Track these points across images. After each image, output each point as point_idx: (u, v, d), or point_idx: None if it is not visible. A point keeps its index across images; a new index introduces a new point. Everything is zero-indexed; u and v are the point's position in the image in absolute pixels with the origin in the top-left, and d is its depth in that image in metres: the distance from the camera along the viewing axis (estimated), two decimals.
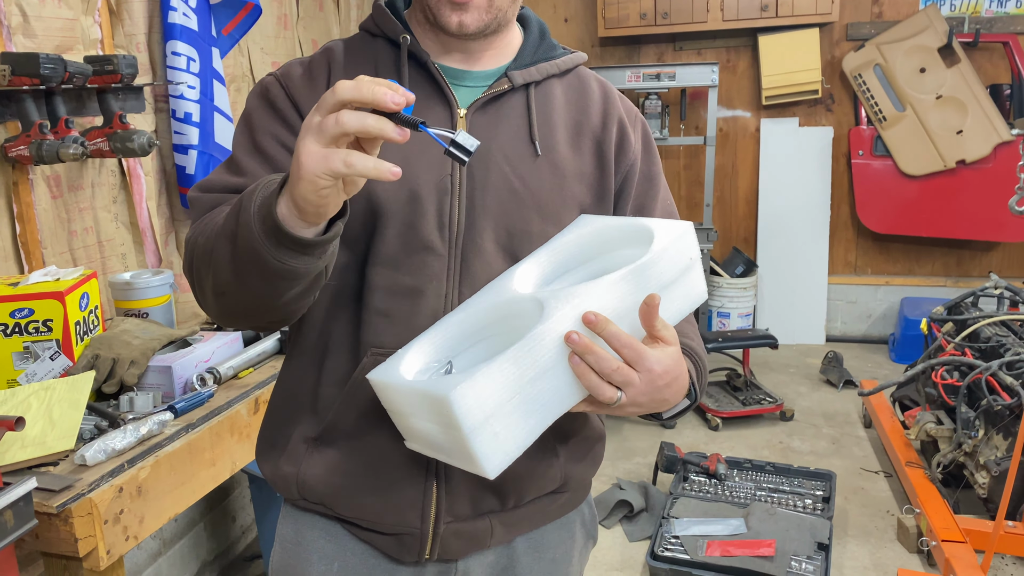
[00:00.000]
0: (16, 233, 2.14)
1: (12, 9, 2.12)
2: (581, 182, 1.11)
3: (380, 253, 1.04)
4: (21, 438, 1.54)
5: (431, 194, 1.04)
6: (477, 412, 0.83)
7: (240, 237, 0.88)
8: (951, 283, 4.87)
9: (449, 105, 1.08)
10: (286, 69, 1.12)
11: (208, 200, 1.06)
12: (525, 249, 1.06)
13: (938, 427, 3.01)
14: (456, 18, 1.03)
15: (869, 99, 4.66)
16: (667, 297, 0.95)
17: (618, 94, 1.20)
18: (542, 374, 0.87)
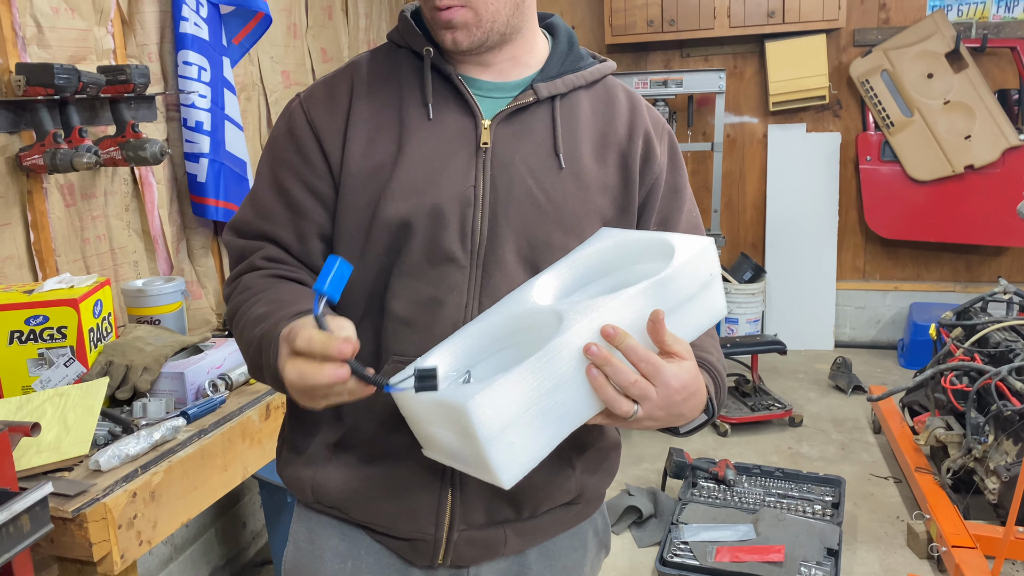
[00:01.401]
0: (30, 241, 2.16)
1: (27, 20, 2.15)
2: (605, 195, 1.11)
3: (404, 264, 1.06)
4: (36, 443, 1.56)
5: (454, 206, 1.05)
6: (494, 422, 0.84)
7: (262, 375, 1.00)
8: (960, 288, 4.86)
9: (474, 116, 1.08)
10: (311, 92, 1.14)
11: (239, 248, 1.13)
12: (546, 261, 1.06)
13: (948, 432, 3.01)
14: (449, 36, 1.05)
15: (876, 105, 4.66)
16: (686, 312, 0.95)
17: (645, 105, 1.20)
18: (560, 386, 0.87)
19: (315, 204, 1.09)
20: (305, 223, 1.10)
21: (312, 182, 1.09)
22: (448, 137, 1.08)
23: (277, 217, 1.11)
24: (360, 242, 1.07)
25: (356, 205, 1.07)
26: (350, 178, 1.07)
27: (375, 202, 1.05)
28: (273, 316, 0.99)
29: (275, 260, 1.11)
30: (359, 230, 1.07)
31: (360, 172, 1.07)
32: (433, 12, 1.04)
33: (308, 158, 1.09)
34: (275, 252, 1.11)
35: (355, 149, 1.08)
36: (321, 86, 1.14)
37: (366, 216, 1.06)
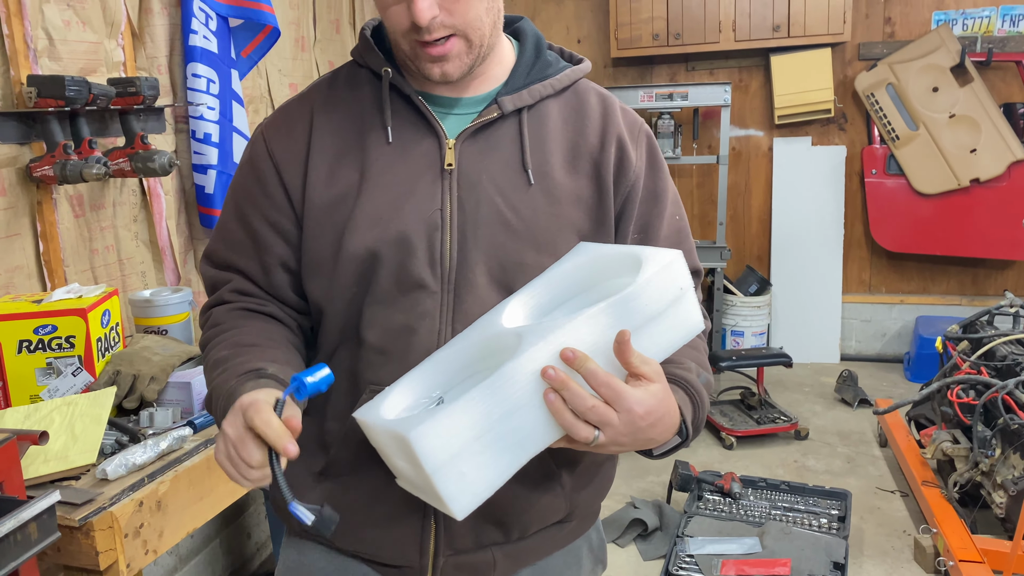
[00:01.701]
0: (40, 251, 2.18)
1: (39, 33, 2.17)
2: (578, 208, 1.07)
3: (375, 293, 1.03)
4: (44, 452, 1.57)
5: (421, 232, 1.02)
6: (441, 452, 0.82)
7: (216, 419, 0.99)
8: (966, 302, 4.85)
9: (437, 137, 1.05)
10: (271, 121, 1.12)
11: (211, 278, 1.14)
12: (519, 282, 1.03)
13: (954, 446, 2.99)
14: (438, 69, 1.01)
15: (882, 118, 4.67)
16: (654, 329, 0.91)
17: (620, 108, 1.14)
18: (514, 411, 0.85)
19: (276, 238, 1.08)
20: (267, 256, 1.08)
21: (272, 216, 1.07)
22: (411, 160, 1.04)
23: (242, 248, 1.10)
24: (328, 273, 1.05)
25: (321, 237, 1.05)
26: (313, 210, 1.05)
27: (340, 233, 1.03)
28: (229, 368, 0.99)
29: (243, 293, 1.10)
30: (326, 262, 1.05)
31: (323, 204, 1.04)
32: (417, 46, 0.99)
33: (268, 191, 1.07)
34: (243, 284, 1.10)
35: (317, 180, 1.05)
36: (281, 114, 1.12)
37: (332, 248, 1.04)
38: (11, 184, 2.10)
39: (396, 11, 0.97)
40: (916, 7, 4.68)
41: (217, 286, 1.12)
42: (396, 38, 1.01)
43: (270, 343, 1.05)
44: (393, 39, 1.03)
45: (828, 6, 4.52)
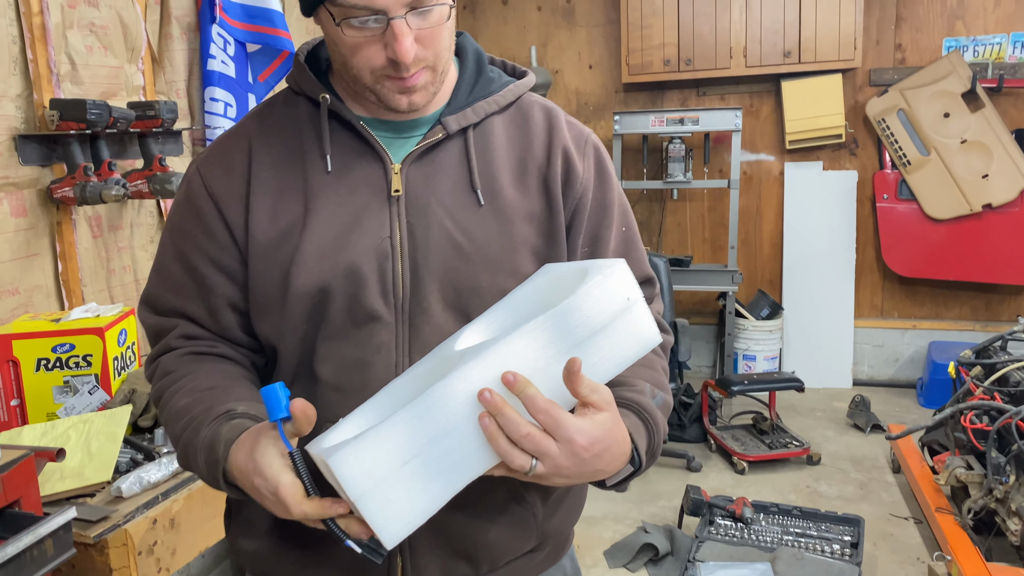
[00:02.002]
0: (58, 271, 2.21)
1: (62, 58, 2.22)
2: (530, 225, 1.04)
3: (327, 328, 1.00)
4: (60, 469, 1.58)
5: (371, 262, 0.99)
6: (364, 478, 0.78)
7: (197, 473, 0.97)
8: (980, 327, 4.82)
9: (382, 162, 1.01)
10: (207, 156, 1.07)
11: (154, 325, 1.08)
12: (475, 307, 1.00)
13: (968, 472, 2.97)
14: (406, 99, 0.98)
15: (893, 143, 4.68)
16: (602, 344, 0.86)
17: (566, 120, 1.12)
18: (447, 434, 0.80)
19: (221, 278, 1.04)
20: (214, 298, 1.04)
21: (216, 255, 1.03)
22: (356, 188, 1.01)
23: (186, 291, 1.05)
24: (277, 312, 1.01)
25: (268, 275, 1.01)
26: (258, 247, 1.01)
27: (286, 270, 0.99)
28: (196, 417, 0.96)
29: (191, 337, 1.06)
30: (274, 300, 1.01)
31: (268, 240, 1.00)
32: (387, 81, 0.97)
33: (209, 229, 1.03)
34: (190, 328, 1.06)
35: (260, 216, 1.01)
36: (217, 149, 1.07)
37: (280, 286, 1.00)
38: (32, 205, 2.14)
39: (368, 48, 0.94)
40: (927, 34, 4.70)
41: (161, 333, 1.07)
42: (358, 74, 0.97)
43: (229, 382, 1.02)
44: (352, 75, 0.98)
45: (839, 32, 4.55)
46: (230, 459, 0.90)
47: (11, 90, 2.08)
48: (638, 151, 5.03)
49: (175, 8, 2.68)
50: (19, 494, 1.33)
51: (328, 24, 0.95)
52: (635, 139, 5.01)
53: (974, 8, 4.60)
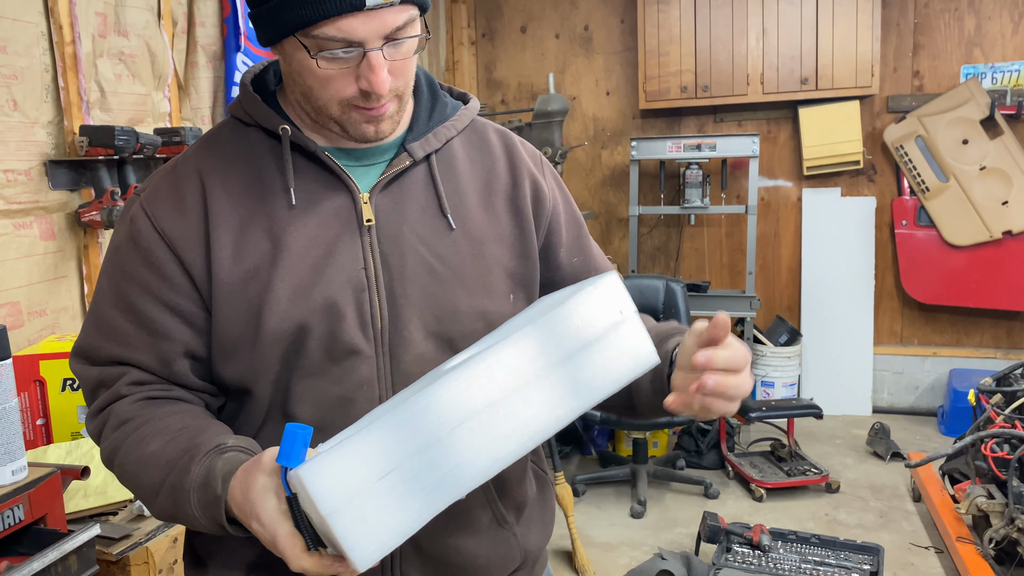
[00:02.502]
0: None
1: (92, 86, 2.28)
2: (502, 245, 1.05)
3: (305, 366, 0.96)
4: (84, 487, 1.61)
5: (347, 294, 0.96)
6: (337, 492, 0.73)
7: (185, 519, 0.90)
8: (1001, 355, 4.78)
9: (350, 192, 0.99)
10: (152, 194, 1.00)
11: (95, 377, 0.99)
12: (457, 330, 0.99)
13: (989, 501, 2.94)
14: (373, 128, 0.97)
15: (911, 170, 4.68)
16: (595, 358, 0.83)
17: (519, 141, 1.13)
18: (428, 446, 0.76)
19: (178, 324, 0.97)
20: (167, 344, 0.97)
21: (171, 300, 0.96)
22: (325, 221, 0.98)
23: (131, 340, 0.97)
24: (247, 354, 0.96)
25: (235, 317, 0.96)
26: (222, 288, 0.95)
27: (257, 310, 0.95)
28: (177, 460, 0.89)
29: (143, 383, 0.98)
30: (244, 342, 0.96)
31: (232, 281, 0.95)
32: (354, 112, 0.95)
33: (163, 273, 0.96)
34: (139, 375, 0.98)
35: (223, 256, 0.95)
36: (164, 185, 1.00)
37: (249, 327, 0.95)
38: (60, 229, 2.19)
39: (338, 79, 0.92)
40: (945, 61, 4.72)
41: (105, 382, 0.98)
42: (325, 105, 0.95)
43: (201, 422, 0.96)
44: (317, 106, 0.96)
45: (856, 60, 4.57)
46: (229, 495, 0.84)
47: (43, 117, 2.14)
48: (655, 177, 5.06)
49: (201, 37, 2.75)
50: (45, 511, 1.35)
51: (295, 55, 0.92)
52: (652, 165, 5.04)
53: (992, 35, 4.61)
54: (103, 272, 1.02)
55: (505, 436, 0.79)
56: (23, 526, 1.31)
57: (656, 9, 4.78)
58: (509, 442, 0.79)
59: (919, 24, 4.73)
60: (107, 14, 2.34)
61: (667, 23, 4.78)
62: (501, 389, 0.78)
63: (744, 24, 4.68)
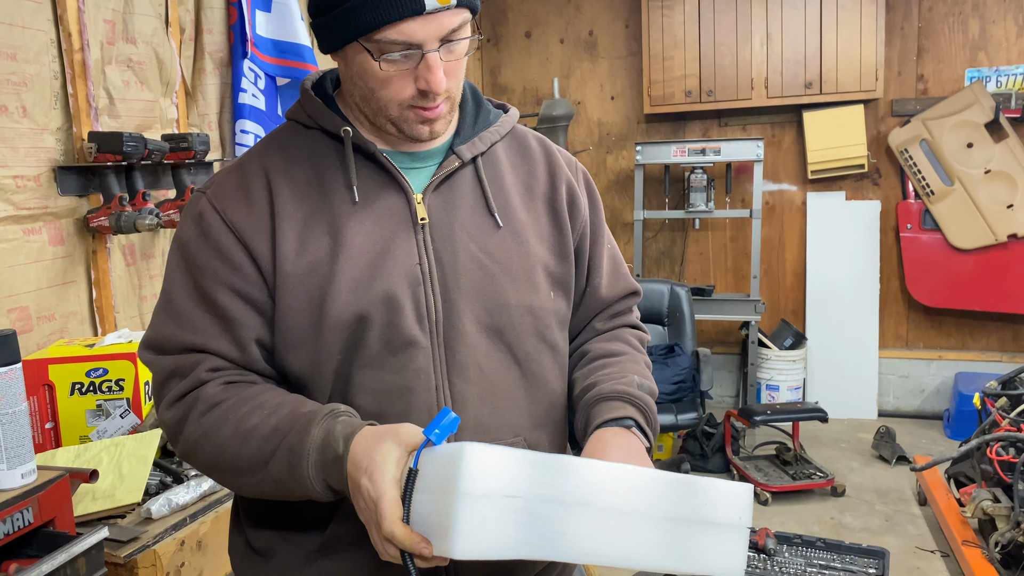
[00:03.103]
0: (92, 298, 2.28)
1: (100, 93, 2.30)
2: (543, 245, 1.11)
3: (364, 356, 1.01)
4: (93, 491, 1.62)
5: (405, 288, 1.01)
6: (481, 482, 0.78)
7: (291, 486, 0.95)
8: (1007, 358, 4.77)
9: (405, 192, 1.05)
10: (220, 191, 1.05)
11: (170, 366, 1.02)
12: (506, 322, 1.05)
13: (995, 505, 2.94)
14: (427, 129, 1.03)
15: (916, 174, 4.68)
16: (698, 536, 0.88)
17: (556, 148, 1.20)
18: (555, 501, 0.81)
19: (249, 311, 1.01)
20: (241, 331, 1.01)
21: (242, 288, 1.01)
22: (383, 218, 1.03)
23: (206, 328, 1.01)
24: (310, 343, 1.01)
25: (297, 308, 1.00)
26: (286, 279, 1.00)
27: (320, 300, 1.00)
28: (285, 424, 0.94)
29: (220, 369, 1.02)
30: (306, 332, 1.01)
31: (296, 272, 1.00)
32: (411, 111, 1.01)
33: (234, 263, 1.01)
34: (216, 362, 1.02)
35: (287, 248, 1.01)
36: (230, 181, 1.06)
37: (311, 317, 1.00)
38: (69, 234, 2.21)
39: (398, 81, 0.98)
40: (949, 64, 4.72)
41: (182, 371, 1.01)
42: (384, 106, 1.01)
43: (292, 395, 1.01)
44: (377, 108, 1.02)
45: (860, 64, 4.57)
46: (350, 453, 0.89)
47: (52, 123, 2.16)
48: (660, 181, 5.07)
49: (208, 44, 2.77)
50: (54, 514, 1.37)
51: (357, 59, 0.99)
52: (657, 169, 5.05)
53: (996, 39, 4.61)
54: (171, 268, 1.06)
55: (603, 540, 0.84)
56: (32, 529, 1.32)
57: (660, 14, 4.79)
58: (602, 546, 0.84)
59: (923, 28, 4.73)
60: (115, 21, 2.36)
61: (671, 28, 4.79)
62: (628, 504, 0.85)
63: (748, 29, 4.70)
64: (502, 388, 1.06)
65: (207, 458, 1.01)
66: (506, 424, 1.07)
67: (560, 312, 1.14)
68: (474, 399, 1.04)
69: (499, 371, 1.06)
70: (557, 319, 1.13)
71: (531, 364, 1.09)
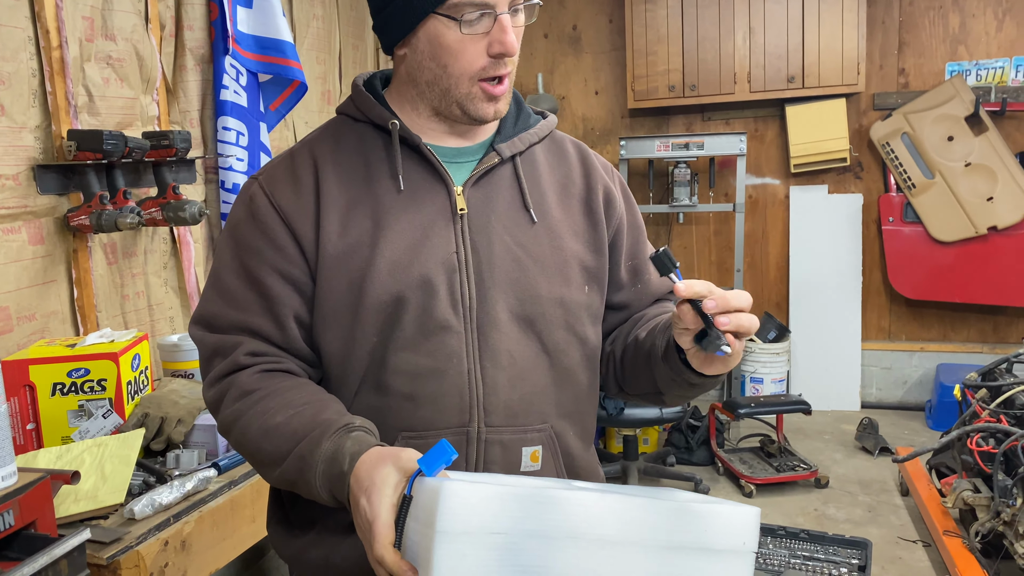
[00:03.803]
0: (73, 297, 2.26)
1: (79, 90, 2.28)
2: (577, 240, 1.16)
3: (399, 338, 1.06)
4: (75, 492, 1.62)
5: (441, 274, 1.06)
6: (459, 519, 0.77)
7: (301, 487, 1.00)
8: (987, 349, 4.82)
9: (446, 184, 1.11)
10: (270, 175, 1.12)
11: (213, 344, 1.09)
12: (537, 312, 1.10)
13: (975, 495, 2.97)
14: (492, 108, 1.09)
15: (898, 167, 4.71)
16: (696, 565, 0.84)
17: (592, 153, 1.26)
18: (539, 536, 0.80)
19: (289, 290, 1.07)
20: (281, 309, 1.07)
21: (284, 268, 1.07)
22: (423, 207, 1.09)
23: (249, 306, 1.08)
24: (348, 323, 1.06)
25: (337, 288, 1.06)
26: (327, 259, 1.06)
27: (359, 282, 1.05)
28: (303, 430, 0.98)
29: (258, 354, 1.08)
30: (345, 312, 1.06)
31: (337, 253, 1.06)
32: (479, 86, 1.06)
33: (278, 244, 1.07)
34: (256, 345, 1.08)
35: (330, 230, 1.07)
36: (281, 167, 1.13)
37: (350, 297, 1.05)
38: (49, 233, 2.19)
39: (475, 50, 1.04)
40: (929, 58, 4.75)
41: (224, 351, 1.08)
42: (456, 81, 1.06)
43: (322, 397, 1.05)
44: (446, 85, 1.07)
45: (842, 58, 4.60)
46: (354, 471, 0.92)
47: (31, 121, 2.14)
48: (644, 176, 5.08)
49: (189, 40, 2.75)
50: (35, 516, 1.36)
51: (429, 36, 1.04)
52: (641, 164, 5.06)
53: (976, 33, 4.65)
54: (222, 247, 1.13)
55: (594, 574, 0.81)
56: (13, 531, 1.31)
57: (644, 8, 4.80)
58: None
59: (904, 22, 4.76)
60: (94, 18, 2.34)
61: (655, 22, 4.80)
62: (621, 535, 0.82)
63: (731, 23, 4.71)
64: (531, 376, 1.11)
65: (235, 442, 1.07)
66: (535, 411, 1.11)
67: (593, 306, 1.18)
68: (504, 384, 1.08)
69: (529, 359, 1.10)
70: (589, 313, 1.17)
71: (560, 355, 1.13)
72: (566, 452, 1.16)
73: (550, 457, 1.14)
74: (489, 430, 1.08)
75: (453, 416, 1.07)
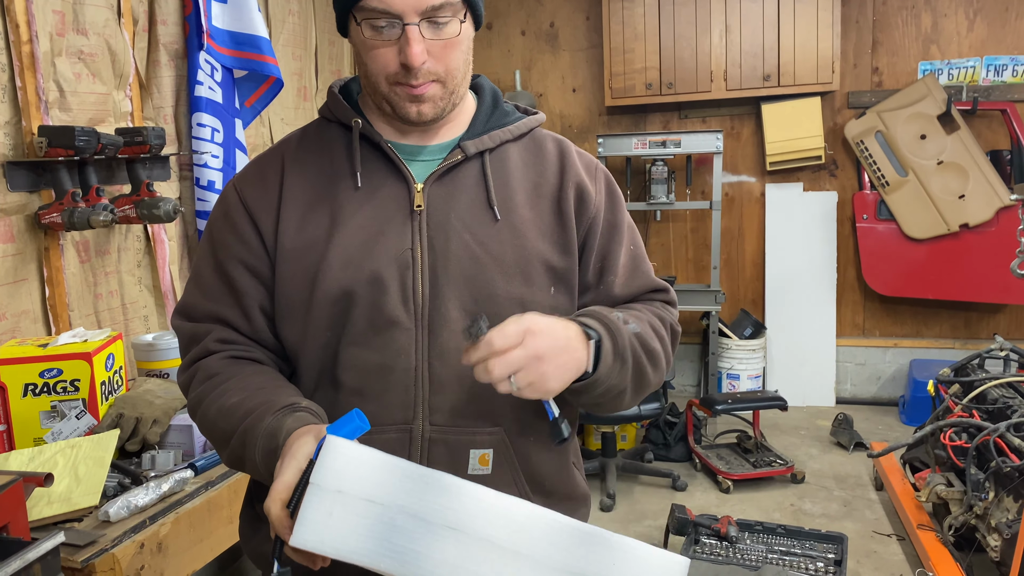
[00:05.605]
0: (45, 296, 2.22)
1: (50, 85, 2.24)
2: (544, 240, 1.14)
3: (350, 333, 1.07)
4: (48, 494, 1.59)
5: (393, 271, 1.07)
6: (335, 474, 0.76)
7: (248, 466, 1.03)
8: (959, 345, 4.89)
9: (406, 181, 1.11)
10: (243, 174, 1.18)
11: (189, 331, 1.15)
12: (493, 312, 1.05)
13: (948, 489, 3.01)
14: (415, 109, 1.07)
15: (871, 165, 4.76)
16: None
17: (576, 151, 1.23)
18: (418, 518, 0.77)
19: (252, 281, 1.12)
20: (246, 299, 1.12)
21: (250, 261, 1.12)
22: (382, 204, 1.10)
23: (221, 297, 1.13)
24: (302, 316, 1.09)
25: (293, 280, 1.10)
26: (284, 253, 1.10)
27: (312, 276, 1.08)
28: (254, 410, 1.00)
29: (227, 341, 1.13)
30: (299, 305, 1.09)
31: (294, 247, 1.10)
32: (398, 88, 1.07)
33: (244, 238, 1.12)
34: (225, 333, 1.13)
35: (289, 225, 1.11)
36: (252, 166, 1.18)
37: (305, 291, 1.08)
38: (19, 231, 2.15)
39: (385, 54, 1.04)
40: (903, 57, 4.80)
41: (197, 338, 1.14)
42: (375, 81, 1.07)
43: (278, 382, 1.08)
44: (371, 83, 1.09)
45: (817, 56, 4.64)
46: (285, 444, 0.94)
47: (0, 117, 2.10)
48: (621, 173, 5.09)
49: (163, 35, 2.71)
50: (7, 520, 1.34)
51: (354, 36, 1.07)
52: (618, 161, 5.07)
53: (948, 32, 4.71)
54: (202, 243, 1.19)
55: (471, 574, 0.77)
56: None
57: (621, 6, 4.80)
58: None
59: (878, 21, 4.81)
60: (65, 12, 2.30)
61: (632, 20, 4.81)
62: (511, 543, 0.78)
63: (707, 21, 4.73)
64: None
65: (199, 423, 1.11)
66: (483, 411, 1.09)
67: (560, 308, 1.15)
68: (452, 382, 1.08)
69: None
70: (555, 315, 1.11)
71: None
72: (524, 460, 1.13)
73: (504, 463, 1.11)
74: (433, 429, 1.07)
75: (397, 412, 1.07)
